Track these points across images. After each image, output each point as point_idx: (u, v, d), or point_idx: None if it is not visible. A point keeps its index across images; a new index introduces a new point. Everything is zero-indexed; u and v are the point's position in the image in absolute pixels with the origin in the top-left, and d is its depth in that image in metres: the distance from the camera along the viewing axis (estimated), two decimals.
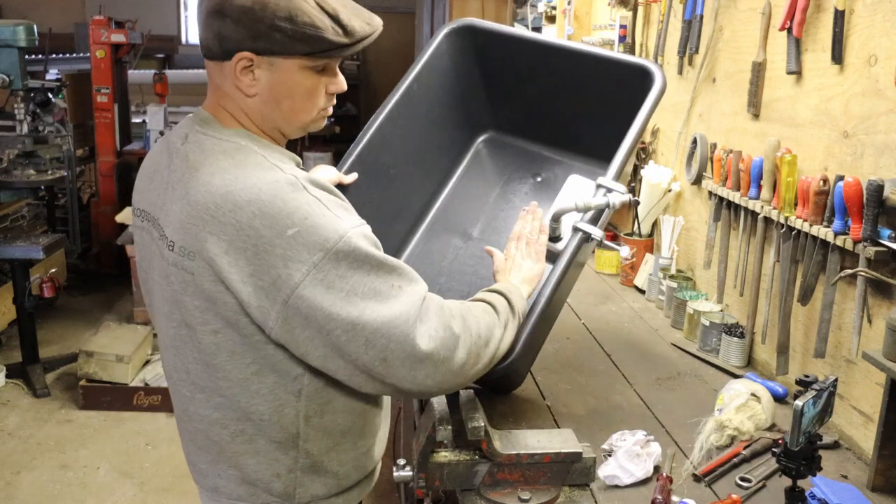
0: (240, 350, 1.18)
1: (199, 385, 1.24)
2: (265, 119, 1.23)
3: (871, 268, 1.56)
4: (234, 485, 1.28)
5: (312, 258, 1.10)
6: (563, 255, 1.62)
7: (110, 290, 5.53)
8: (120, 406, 3.90)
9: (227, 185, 1.13)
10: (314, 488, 1.29)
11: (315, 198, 1.13)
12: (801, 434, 1.23)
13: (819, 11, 1.79)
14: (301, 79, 1.19)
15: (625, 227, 3.11)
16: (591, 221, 1.67)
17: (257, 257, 1.10)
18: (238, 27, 1.14)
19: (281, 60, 1.17)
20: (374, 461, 1.40)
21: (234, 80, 1.19)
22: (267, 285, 1.11)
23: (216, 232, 1.12)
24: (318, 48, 1.16)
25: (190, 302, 1.18)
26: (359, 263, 1.12)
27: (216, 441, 1.27)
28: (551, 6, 4.44)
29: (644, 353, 2.14)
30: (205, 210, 1.13)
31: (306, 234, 1.10)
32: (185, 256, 1.16)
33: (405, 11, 10.12)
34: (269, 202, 1.10)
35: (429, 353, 1.15)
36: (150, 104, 5.84)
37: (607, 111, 1.98)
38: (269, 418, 1.22)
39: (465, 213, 2.17)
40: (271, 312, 1.12)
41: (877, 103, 1.59)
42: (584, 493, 1.42)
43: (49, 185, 4.87)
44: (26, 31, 4.20)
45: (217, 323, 1.17)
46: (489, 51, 2.10)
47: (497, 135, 2.27)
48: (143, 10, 8.47)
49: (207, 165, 1.16)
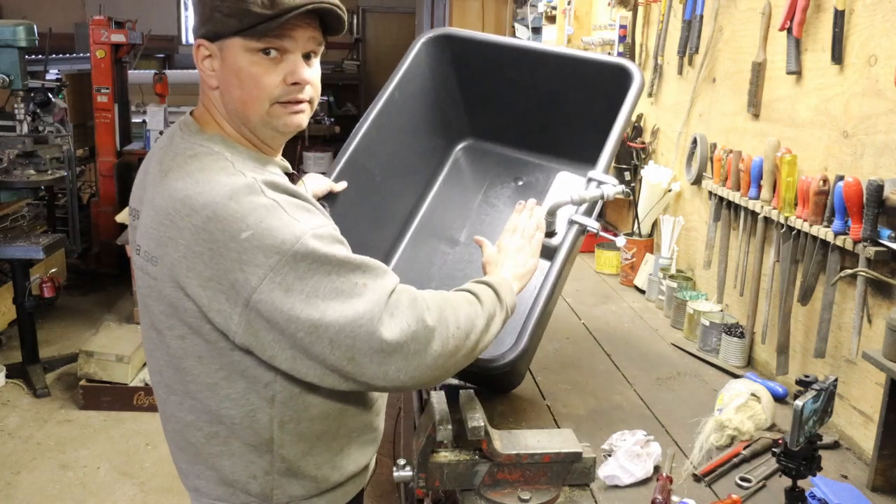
0: (206, 355, 1.18)
1: (172, 388, 1.25)
2: (231, 115, 1.22)
3: (871, 268, 1.56)
4: (213, 485, 1.28)
5: (269, 261, 1.09)
6: (562, 249, 1.64)
7: (110, 290, 5.53)
8: (120, 406, 3.90)
9: (187, 189, 1.13)
10: (292, 490, 1.28)
11: (272, 200, 1.12)
12: (801, 434, 1.23)
13: (819, 11, 1.79)
14: (245, 63, 1.17)
15: (625, 227, 3.11)
16: (584, 214, 1.68)
17: (213, 261, 1.10)
18: (194, 15, 1.20)
19: (227, 45, 1.18)
20: (359, 464, 1.37)
21: (200, 73, 1.22)
22: (226, 289, 1.10)
23: (175, 236, 1.12)
24: (246, 22, 1.15)
25: (155, 307, 1.19)
26: (318, 265, 1.11)
27: (192, 443, 1.27)
28: (551, 6, 4.43)
29: (644, 353, 2.14)
30: (165, 215, 1.13)
31: (261, 237, 1.09)
32: (149, 261, 1.17)
33: (405, 11, 10.13)
34: (222, 205, 1.10)
35: (397, 347, 1.13)
36: (150, 104, 5.84)
37: (585, 112, 2.00)
38: (241, 422, 1.22)
39: (450, 219, 2.18)
40: (233, 316, 1.11)
41: (877, 103, 1.59)
42: (584, 493, 1.42)
43: (49, 185, 4.87)
44: (26, 31, 4.20)
45: (182, 328, 1.17)
46: (467, 59, 2.11)
47: (476, 142, 2.29)
48: (143, 10, 8.47)
49: (175, 170, 1.17)
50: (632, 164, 2.95)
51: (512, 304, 1.38)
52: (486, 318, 1.28)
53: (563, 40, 4.03)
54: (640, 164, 2.93)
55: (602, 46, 3.49)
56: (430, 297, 1.22)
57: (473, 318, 1.25)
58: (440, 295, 1.25)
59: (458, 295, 1.29)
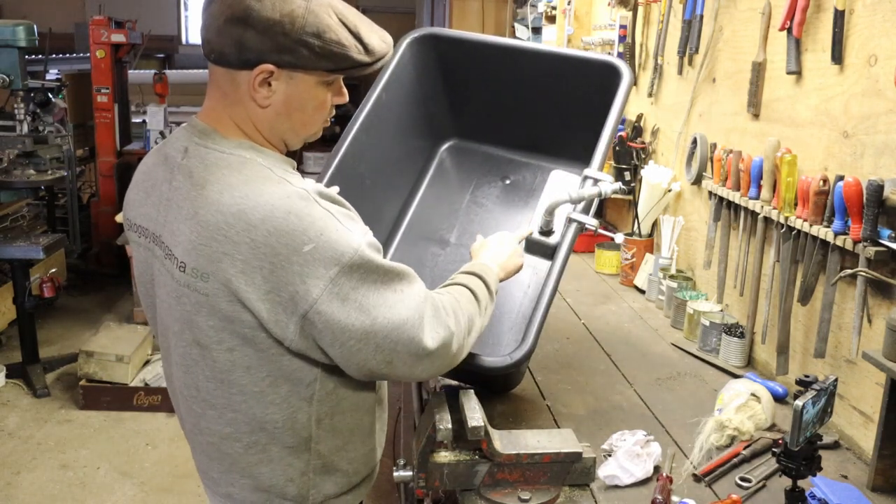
0: (255, 364, 1.19)
1: (210, 402, 1.24)
2: (273, 130, 1.22)
3: (870, 268, 1.56)
4: (248, 492, 1.29)
5: (329, 273, 1.10)
6: (563, 246, 1.64)
7: (110, 290, 5.53)
8: (120, 406, 3.89)
9: (238, 203, 1.11)
10: (326, 488, 1.30)
11: (327, 211, 1.13)
12: (801, 434, 1.23)
13: (819, 11, 1.79)
14: (317, 93, 1.20)
15: (625, 227, 3.11)
16: (581, 212, 1.68)
17: (274, 274, 1.10)
18: (263, 39, 1.12)
19: (301, 75, 1.17)
20: (379, 456, 1.41)
21: (249, 91, 1.17)
22: (285, 300, 1.11)
23: (230, 252, 1.11)
24: (342, 65, 1.17)
25: (204, 322, 1.17)
26: (368, 273, 1.14)
27: (229, 454, 1.27)
28: (551, 6, 4.44)
29: (644, 353, 2.14)
30: (217, 230, 1.12)
31: (322, 249, 1.10)
32: (198, 278, 1.15)
33: (405, 11, 10.13)
34: (283, 219, 1.10)
35: (432, 352, 1.19)
36: (150, 104, 5.83)
37: (573, 111, 2.00)
38: (283, 425, 1.23)
39: (440, 219, 2.18)
40: (290, 325, 1.13)
41: (877, 103, 1.59)
42: (584, 493, 1.42)
43: (49, 185, 4.87)
44: (26, 31, 4.19)
45: (233, 341, 1.17)
46: (452, 59, 2.11)
47: (461, 142, 2.29)
48: (143, 10, 8.46)
49: (214, 182, 1.15)
50: (632, 164, 2.95)
51: (496, 290, 1.44)
52: (482, 314, 1.35)
53: (563, 40, 4.03)
54: (640, 164, 2.93)
55: (602, 46, 3.50)
56: (447, 301, 1.26)
57: (473, 317, 1.32)
58: (450, 297, 1.29)
59: (461, 293, 1.33)
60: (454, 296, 1.30)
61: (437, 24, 7.52)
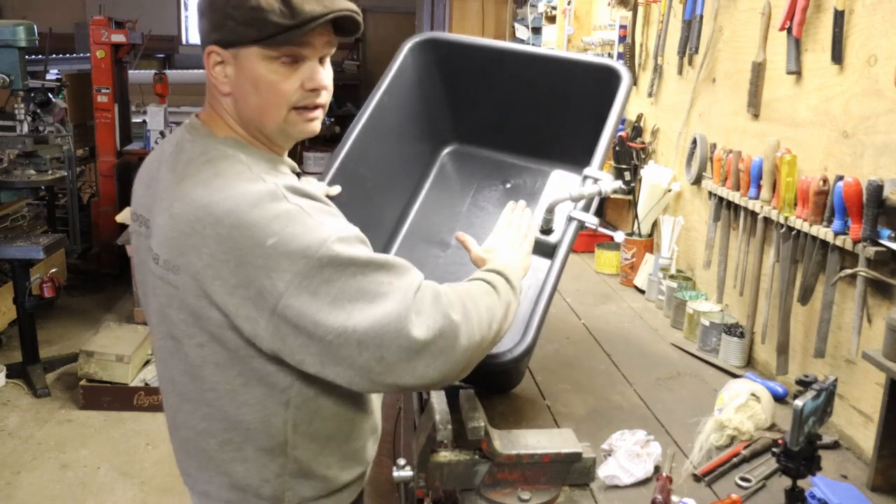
0: (225, 362, 1.18)
1: (185, 396, 1.24)
2: (245, 121, 1.22)
3: (870, 268, 1.56)
4: (224, 490, 1.28)
5: (295, 267, 1.08)
6: (563, 245, 1.65)
7: (110, 290, 5.53)
8: (120, 406, 3.90)
9: (207, 196, 1.12)
10: (303, 491, 1.29)
11: (297, 206, 1.12)
12: (801, 434, 1.23)
13: (819, 11, 1.79)
14: (264, 71, 1.17)
15: (625, 227, 3.11)
16: (582, 210, 1.69)
17: (240, 268, 1.09)
18: (203, 21, 1.17)
19: (243, 52, 1.16)
20: (365, 463, 1.39)
21: (211, 79, 1.20)
22: (253, 296, 1.10)
23: (198, 245, 1.11)
24: (265, 32, 1.14)
25: (175, 315, 1.18)
26: (343, 267, 1.10)
27: (204, 449, 1.27)
28: (551, 6, 4.44)
29: (644, 353, 2.14)
30: (186, 223, 1.12)
31: (286, 243, 1.08)
32: (169, 270, 1.15)
33: (405, 11, 10.12)
34: (247, 212, 1.09)
35: (425, 344, 1.11)
36: (150, 104, 5.83)
37: (573, 114, 2.01)
38: (257, 427, 1.22)
39: (440, 223, 2.18)
40: (260, 321, 1.11)
41: (877, 103, 1.59)
42: (584, 493, 1.42)
43: (49, 185, 4.88)
44: (26, 31, 4.20)
45: (202, 336, 1.17)
46: (453, 63, 2.11)
47: (462, 146, 2.29)
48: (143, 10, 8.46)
49: (190, 177, 1.16)
50: (632, 164, 2.95)
51: (520, 288, 1.38)
52: (503, 305, 1.28)
53: (563, 40, 4.03)
54: (639, 164, 2.93)
55: (602, 46, 3.49)
56: (452, 291, 1.20)
57: (493, 309, 1.25)
58: (460, 287, 1.24)
59: (475, 285, 1.28)
60: (465, 287, 1.25)
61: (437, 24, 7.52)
